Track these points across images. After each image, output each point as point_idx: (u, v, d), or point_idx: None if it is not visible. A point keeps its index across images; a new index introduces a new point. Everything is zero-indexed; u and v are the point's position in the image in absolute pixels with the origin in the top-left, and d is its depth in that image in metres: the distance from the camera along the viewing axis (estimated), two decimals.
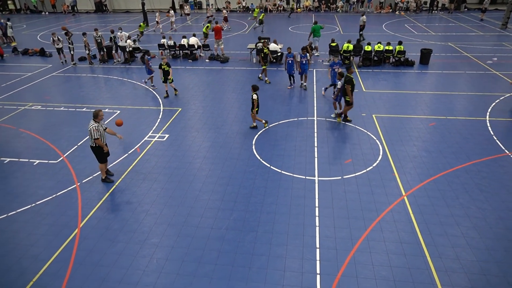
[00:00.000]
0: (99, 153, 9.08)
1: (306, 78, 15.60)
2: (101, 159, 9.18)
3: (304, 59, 14.91)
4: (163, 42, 20.73)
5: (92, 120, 8.87)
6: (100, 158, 9.17)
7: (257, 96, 11.63)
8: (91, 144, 8.94)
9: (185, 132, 12.07)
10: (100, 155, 9.12)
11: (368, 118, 12.62)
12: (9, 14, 39.59)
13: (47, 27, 31.89)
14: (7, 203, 8.75)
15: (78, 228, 7.89)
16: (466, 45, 22.11)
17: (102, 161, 9.22)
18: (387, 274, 6.59)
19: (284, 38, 24.35)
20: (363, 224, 7.77)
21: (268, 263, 6.89)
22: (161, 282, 6.54)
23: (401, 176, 9.37)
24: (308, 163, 10.06)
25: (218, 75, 17.81)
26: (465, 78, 16.35)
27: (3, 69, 19.82)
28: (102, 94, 15.76)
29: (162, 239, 7.54)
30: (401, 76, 16.93)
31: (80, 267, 6.90)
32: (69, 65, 20.08)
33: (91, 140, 8.88)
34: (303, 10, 37.23)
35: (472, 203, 8.33)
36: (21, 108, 14.37)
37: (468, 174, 9.40)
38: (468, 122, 12.13)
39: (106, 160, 9.31)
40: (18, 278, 6.70)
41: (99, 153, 9.09)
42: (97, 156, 9.13)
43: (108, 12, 40.63)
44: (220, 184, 9.29)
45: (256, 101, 11.64)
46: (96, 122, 8.84)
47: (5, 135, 12.19)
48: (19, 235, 7.74)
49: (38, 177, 9.78)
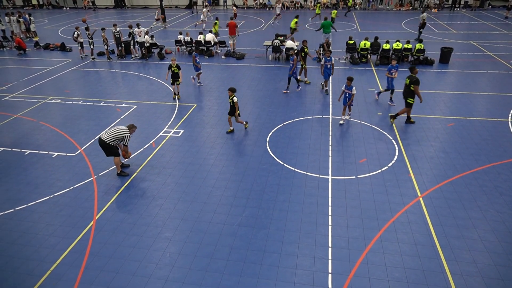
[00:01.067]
0: (114, 151, 9.29)
1: (326, 82, 14.78)
2: (117, 153, 9.35)
3: (329, 63, 14.00)
4: (180, 38, 20.87)
5: (126, 128, 9.22)
6: (116, 153, 9.33)
7: (237, 99, 11.26)
8: (112, 144, 9.13)
9: (199, 128, 12.15)
10: (116, 152, 9.31)
11: (385, 117, 12.44)
12: (32, 9, 40.54)
13: (68, 22, 32.51)
14: (27, 194, 8.99)
15: (94, 220, 8.05)
16: (489, 44, 21.52)
17: (117, 155, 9.38)
18: (401, 275, 6.51)
19: (300, 36, 24.19)
20: (376, 225, 7.68)
21: (280, 260, 6.89)
22: (174, 276, 6.62)
23: (417, 177, 9.21)
24: (322, 161, 9.99)
25: (233, 72, 17.83)
26: (487, 78, 15.92)
27: (25, 63, 20.32)
28: (119, 89, 15.99)
29: (175, 233, 7.62)
30: (420, 75, 16.56)
31: (95, 259, 7.04)
32: (88, 60, 20.44)
33: (116, 141, 9.14)
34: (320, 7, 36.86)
35: (490, 206, 8.13)
36: (41, 101, 14.72)
37: (487, 176, 9.17)
38: (489, 123, 11.82)
39: (119, 154, 9.52)
40: (36, 267, 6.89)
41: (115, 151, 9.29)
42: (112, 152, 9.32)
43: (127, 8, 41.15)
44: (233, 180, 9.32)
45: (237, 103, 11.25)
46: (129, 133, 9.26)
47: (26, 127, 12.51)
48: (38, 225, 7.95)
49: (56, 169, 10.02)
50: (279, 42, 18.93)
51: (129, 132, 9.28)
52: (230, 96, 11.09)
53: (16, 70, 19.01)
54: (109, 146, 9.16)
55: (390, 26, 26.73)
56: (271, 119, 12.51)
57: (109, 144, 9.11)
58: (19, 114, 13.56)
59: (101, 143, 9.15)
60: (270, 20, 28.49)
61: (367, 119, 12.32)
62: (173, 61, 14.05)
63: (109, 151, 9.27)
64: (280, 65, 18.66)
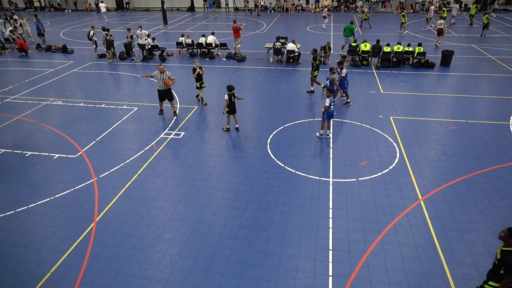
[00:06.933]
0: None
1: (343, 93, 13.61)
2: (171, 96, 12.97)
3: (339, 76, 13.19)
4: (181, 40, 20.92)
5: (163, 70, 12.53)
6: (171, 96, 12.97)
7: (227, 96, 11.44)
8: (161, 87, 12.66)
9: (200, 130, 12.16)
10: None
11: (386, 120, 12.44)
12: (34, 11, 40.67)
13: (69, 24, 32.63)
14: (28, 196, 9.00)
15: (94, 222, 8.05)
16: (490, 47, 21.53)
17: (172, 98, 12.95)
18: (401, 279, 6.49)
19: (302, 38, 24.25)
20: (377, 227, 7.66)
21: (280, 263, 6.87)
22: (174, 278, 6.61)
23: (418, 180, 9.20)
24: (323, 164, 9.98)
25: (234, 74, 17.86)
26: (488, 81, 15.92)
27: (27, 65, 20.38)
28: (120, 91, 16.02)
29: (175, 235, 7.62)
30: (421, 78, 16.61)
31: (95, 260, 7.03)
32: (92, 61, 20.49)
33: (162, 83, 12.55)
34: (321, 10, 36.94)
35: (491, 210, 8.11)
36: (43, 103, 14.75)
37: (488, 179, 9.15)
38: (490, 126, 11.80)
39: (163, 99, 12.99)
40: (36, 268, 6.89)
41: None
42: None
43: (129, 10, 41.28)
44: (234, 182, 9.32)
45: (228, 101, 11.47)
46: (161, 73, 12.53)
47: (27, 129, 12.53)
48: (38, 227, 7.95)
49: (57, 170, 10.03)
50: (280, 45, 18.96)
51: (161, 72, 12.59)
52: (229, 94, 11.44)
53: (18, 72, 19.07)
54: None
55: (391, 29, 26.77)
56: (272, 121, 12.51)
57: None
58: (21, 115, 13.58)
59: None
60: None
61: (368, 121, 12.32)
62: (197, 63, 13.63)
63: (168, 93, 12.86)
64: (281, 68, 18.68)
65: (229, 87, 11.47)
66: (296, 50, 18.96)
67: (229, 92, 11.42)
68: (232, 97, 11.45)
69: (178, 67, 19.22)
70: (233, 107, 11.66)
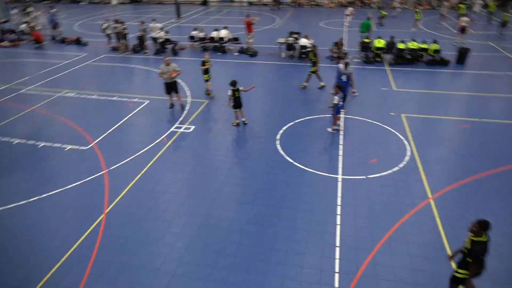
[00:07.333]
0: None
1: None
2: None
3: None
4: (194, 34, 20.92)
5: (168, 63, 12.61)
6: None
7: (231, 92, 11.47)
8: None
9: (210, 124, 12.19)
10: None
11: (397, 117, 12.28)
12: (50, 3, 41.15)
13: (84, 17, 32.94)
14: (40, 186, 9.17)
15: (104, 214, 8.17)
16: (508, 44, 21.01)
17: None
18: (408, 277, 6.44)
19: (315, 34, 24.01)
20: (385, 225, 7.60)
21: (287, 258, 6.88)
22: (181, 271, 6.67)
23: (428, 178, 9.08)
24: (332, 160, 9.92)
25: (246, 69, 17.82)
26: (505, 80, 15.56)
27: (42, 57, 20.68)
28: (132, 83, 16.15)
29: (183, 229, 7.68)
30: (435, 75, 16.33)
31: (104, 251, 7.15)
32: (106, 54, 20.68)
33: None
34: (336, 5, 36.53)
35: (504, 210, 7.97)
36: (56, 94, 14.97)
37: (501, 179, 8.98)
38: (505, 126, 11.55)
39: (170, 92, 12.96)
40: (47, 258, 7.03)
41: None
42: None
43: (142, 3, 41.45)
44: (242, 177, 9.34)
45: (231, 96, 11.50)
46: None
47: (41, 120, 12.75)
48: (50, 217, 8.11)
49: (69, 162, 10.19)
50: (293, 40, 18.82)
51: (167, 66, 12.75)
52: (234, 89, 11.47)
53: (32, 64, 19.37)
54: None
55: (406, 26, 26.31)
56: (282, 117, 12.47)
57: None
58: (35, 107, 13.81)
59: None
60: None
61: (379, 119, 12.18)
62: (207, 56, 14.22)
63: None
64: (293, 63, 18.56)
65: (232, 82, 11.52)
66: (308, 46, 18.80)
67: (233, 88, 11.45)
68: (235, 92, 11.48)
69: (190, 61, 19.25)
70: (238, 102, 11.69)
